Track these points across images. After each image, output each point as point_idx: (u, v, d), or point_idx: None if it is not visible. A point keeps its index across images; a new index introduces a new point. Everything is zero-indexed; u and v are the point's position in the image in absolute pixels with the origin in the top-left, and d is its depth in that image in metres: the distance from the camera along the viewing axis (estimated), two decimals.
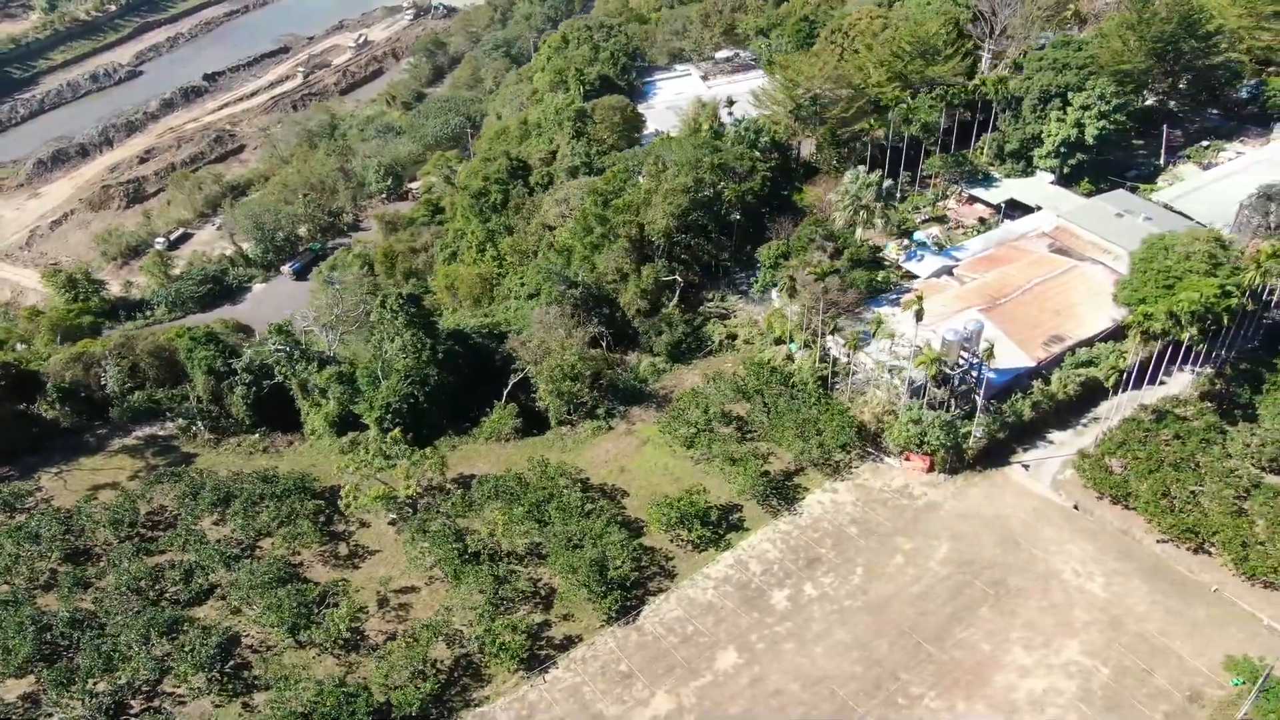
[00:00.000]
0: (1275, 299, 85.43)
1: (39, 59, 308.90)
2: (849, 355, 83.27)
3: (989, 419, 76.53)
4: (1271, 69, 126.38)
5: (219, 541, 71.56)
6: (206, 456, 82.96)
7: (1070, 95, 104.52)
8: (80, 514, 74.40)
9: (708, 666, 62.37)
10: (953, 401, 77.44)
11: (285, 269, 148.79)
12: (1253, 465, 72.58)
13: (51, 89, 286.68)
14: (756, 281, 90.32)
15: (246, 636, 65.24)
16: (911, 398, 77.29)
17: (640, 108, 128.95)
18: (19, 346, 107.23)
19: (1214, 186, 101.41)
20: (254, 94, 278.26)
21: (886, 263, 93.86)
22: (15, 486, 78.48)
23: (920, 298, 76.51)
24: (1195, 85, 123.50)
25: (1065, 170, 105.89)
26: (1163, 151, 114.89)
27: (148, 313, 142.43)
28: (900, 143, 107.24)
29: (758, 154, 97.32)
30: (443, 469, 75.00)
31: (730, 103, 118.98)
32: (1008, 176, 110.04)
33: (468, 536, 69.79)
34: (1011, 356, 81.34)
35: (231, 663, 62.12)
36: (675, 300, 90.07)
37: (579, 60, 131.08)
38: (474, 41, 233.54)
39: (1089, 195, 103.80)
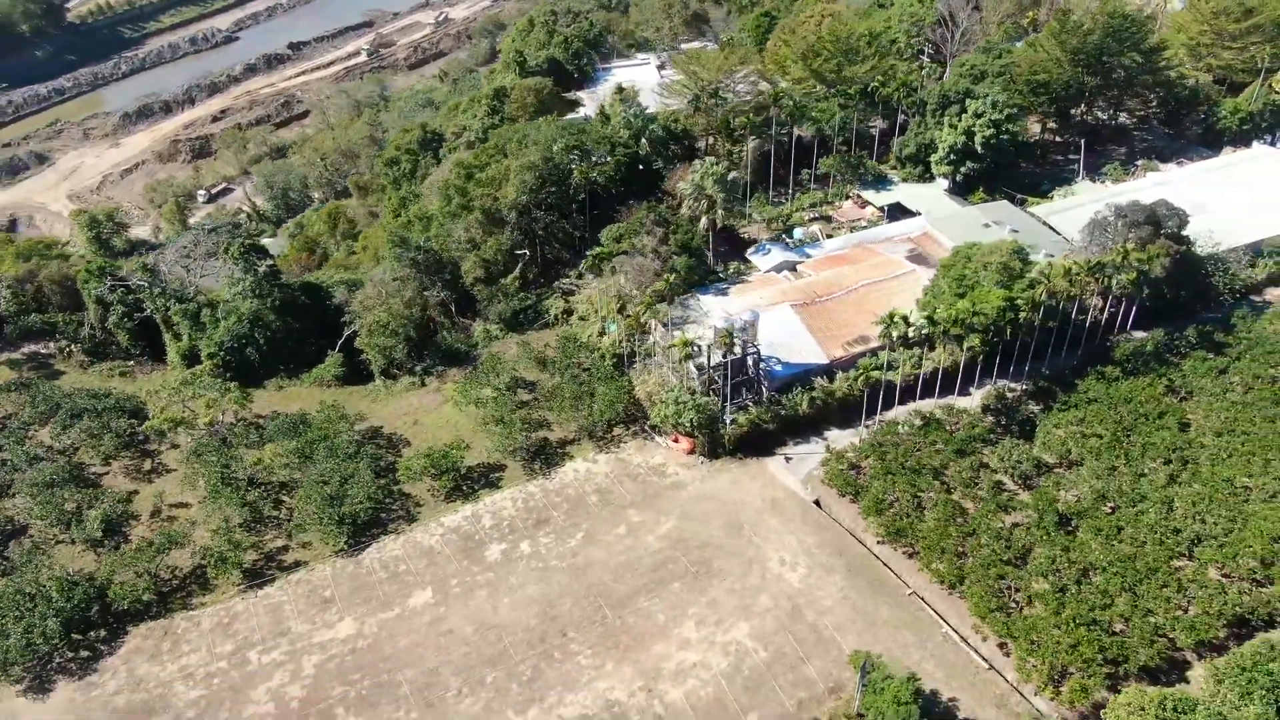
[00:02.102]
0: (1102, 318, 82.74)
1: (150, 21, 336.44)
2: (660, 337, 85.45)
3: (761, 409, 77.64)
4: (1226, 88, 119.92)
5: (41, 445, 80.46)
6: (72, 375, 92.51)
7: (967, 102, 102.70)
8: None
9: (400, 602, 66.65)
10: (730, 388, 78.90)
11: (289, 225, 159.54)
12: (1010, 479, 71.56)
13: (154, 49, 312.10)
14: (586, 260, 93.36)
15: (32, 527, 73.63)
16: (700, 383, 79.12)
17: (585, 93, 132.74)
18: None
19: (1099, 204, 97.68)
20: (330, 64, 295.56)
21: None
22: None
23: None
24: (1160, 105, 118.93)
25: (958, 178, 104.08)
26: (1081, 166, 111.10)
27: (154, 250, 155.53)
28: (786, 138, 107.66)
29: (626, 140, 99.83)
30: (242, 404, 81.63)
31: (653, 90, 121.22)
32: (904, 181, 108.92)
33: (240, 464, 76.19)
34: (807, 352, 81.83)
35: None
36: (515, 273, 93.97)
37: (533, 44, 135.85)
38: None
39: (980, 204, 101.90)
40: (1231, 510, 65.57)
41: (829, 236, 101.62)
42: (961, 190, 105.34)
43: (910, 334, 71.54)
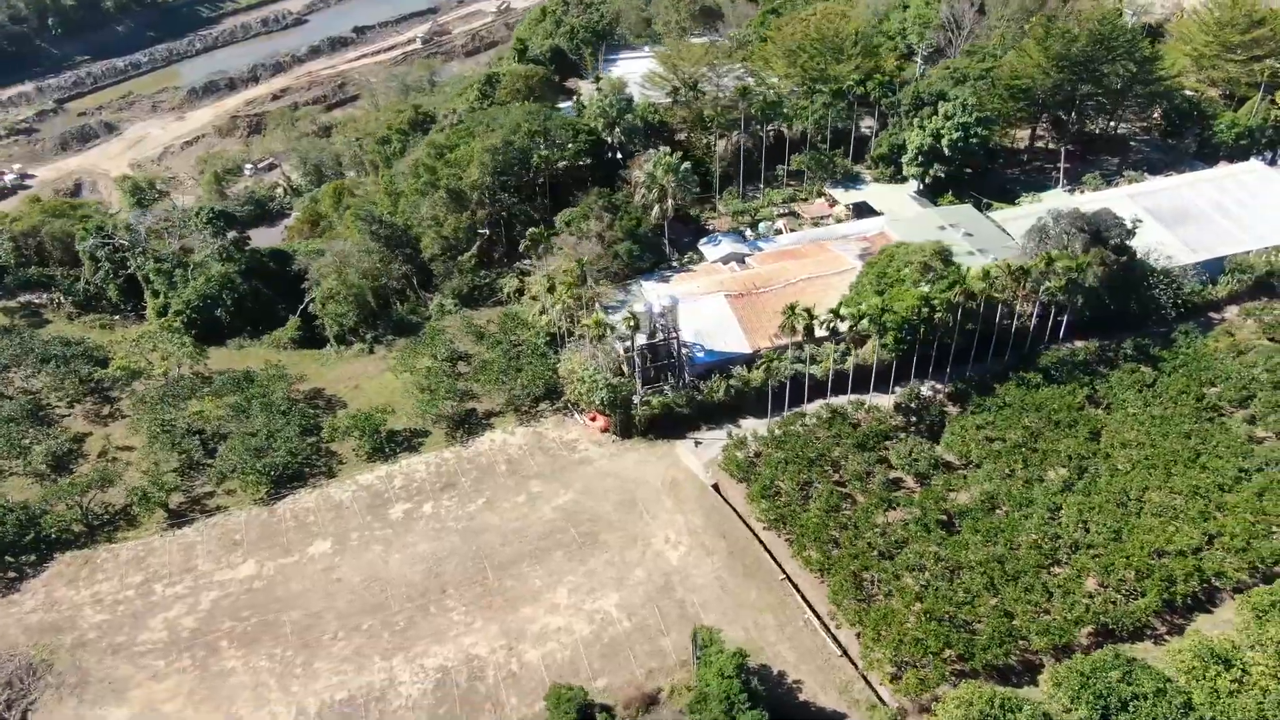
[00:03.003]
0: (1031, 325, 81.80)
1: (226, 1, 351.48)
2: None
3: (677, 394, 79.25)
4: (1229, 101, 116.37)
5: (12, 385, 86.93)
6: (58, 325, 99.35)
7: (940, 104, 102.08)
8: None
9: (301, 550, 70.46)
10: (654, 372, 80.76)
11: None
12: (908, 475, 71.89)
13: (228, 29, 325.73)
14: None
15: None
16: (625, 365, 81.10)
17: (586, 83, 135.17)
18: None
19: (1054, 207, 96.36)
20: (390, 49, 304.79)
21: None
22: None
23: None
24: (1163, 117, 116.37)
25: (927, 179, 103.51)
26: (1061, 174, 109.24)
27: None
28: (764, 134, 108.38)
29: (592, 128, 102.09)
30: (196, 358, 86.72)
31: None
32: (876, 181, 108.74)
33: (181, 413, 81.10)
34: (733, 342, 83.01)
35: None
36: (472, 251, 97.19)
37: (540, 33, 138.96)
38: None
39: (940, 207, 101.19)
40: (1119, 521, 64.93)
41: (792, 231, 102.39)
42: (933, 192, 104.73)
43: (817, 328, 72.16)
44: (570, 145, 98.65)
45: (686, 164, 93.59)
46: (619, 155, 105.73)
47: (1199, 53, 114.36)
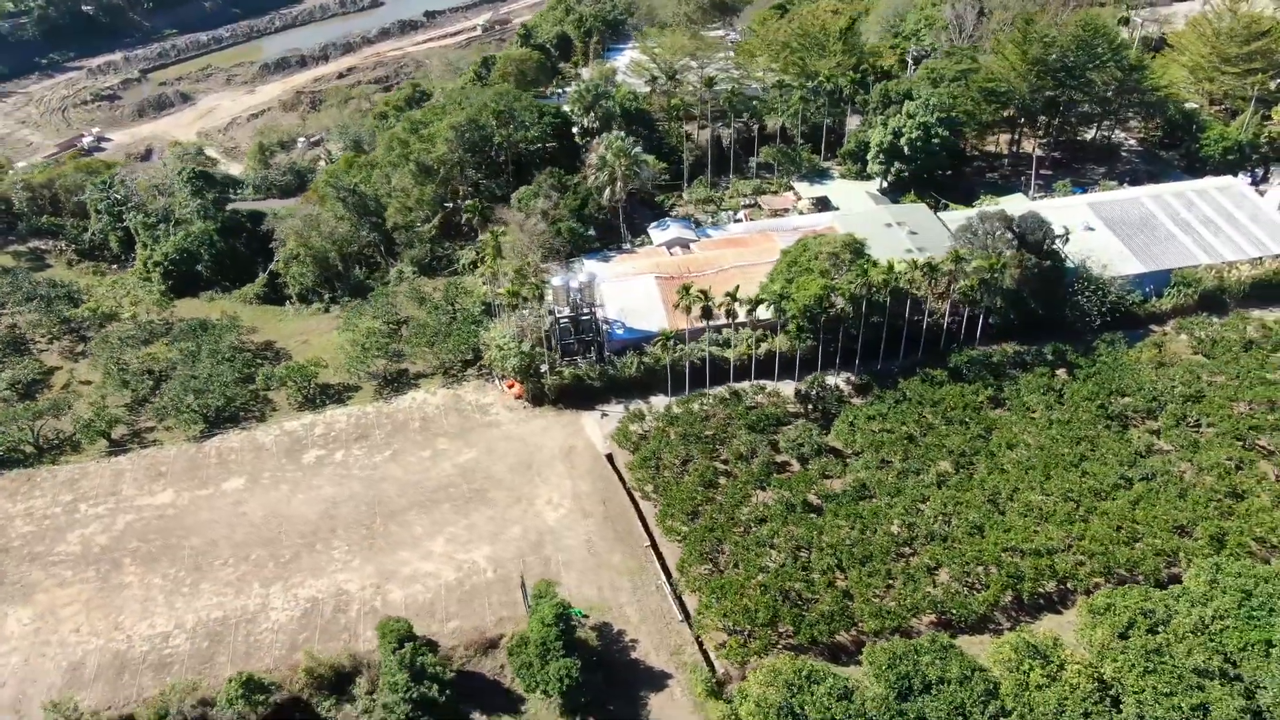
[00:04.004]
0: (944, 323, 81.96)
1: None
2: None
3: (590, 366, 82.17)
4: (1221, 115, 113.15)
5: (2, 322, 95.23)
6: (57, 270, 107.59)
7: (905, 103, 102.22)
8: None
9: (216, 484, 75.84)
10: (576, 344, 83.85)
11: None
12: (792, 458, 73.37)
13: (307, 8, 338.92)
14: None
15: None
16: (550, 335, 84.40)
17: (586, 70, 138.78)
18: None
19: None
20: (457, 33, 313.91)
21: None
22: None
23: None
24: (1158, 128, 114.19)
25: (889, 178, 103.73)
26: (1033, 180, 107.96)
27: (239, 190, 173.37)
28: (744, 126, 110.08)
29: (557, 110, 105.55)
30: (163, 305, 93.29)
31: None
32: (843, 177, 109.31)
33: (135, 354, 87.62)
34: (655, 321, 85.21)
35: None
36: (434, 222, 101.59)
37: (550, 20, 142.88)
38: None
39: (890, 205, 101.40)
40: (984, 517, 65.38)
41: (752, 221, 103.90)
42: (899, 191, 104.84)
43: (715, 311, 74.14)
44: (533, 127, 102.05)
45: (638, 148, 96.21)
46: (592, 139, 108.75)
47: (1195, 63, 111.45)
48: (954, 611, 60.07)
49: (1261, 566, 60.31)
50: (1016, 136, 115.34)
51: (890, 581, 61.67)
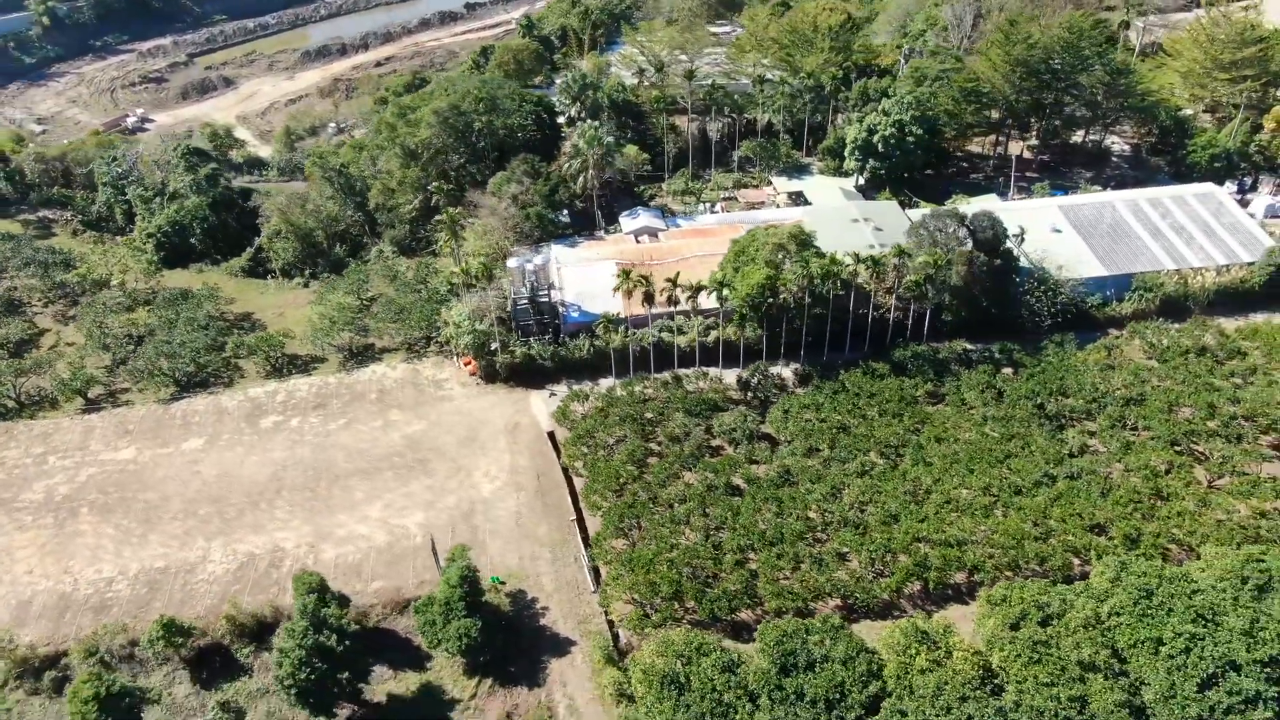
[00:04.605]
0: (890, 317, 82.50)
1: None
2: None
3: (542, 346, 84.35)
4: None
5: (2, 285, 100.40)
6: (60, 239, 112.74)
7: (883, 100, 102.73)
8: None
9: (178, 444, 79.53)
10: (535, 324, 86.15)
11: None
12: (725, 443, 74.84)
13: None
14: None
15: None
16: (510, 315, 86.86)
17: (582, 62, 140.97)
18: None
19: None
20: (495, 25, 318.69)
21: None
22: None
23: None
24: (1153, 134, 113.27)
25: (864, 174, 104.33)
26: (1012, 181, 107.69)
27: (264, 171, 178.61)
28: (717, 117, 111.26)
29: (540, 99, 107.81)
30: (150, 274, 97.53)
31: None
32: (822, 173, 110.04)
33: (118, 319, 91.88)
34: (611, 305, 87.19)
35: None
36: (415, 204, 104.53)
37: (556, 12, 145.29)
38: None
39: (858, 201, 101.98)
40: (900, 507, 66.25)
41: (727, 213, 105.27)
42: (875, 188, 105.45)
43: (658, 297, 75.82)
44: (514, 115, 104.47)
45: (610, 138, 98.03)
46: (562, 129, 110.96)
47: (1188, 69, 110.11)
48: (857, 596, 61.16)
49: (1170, 568, 60.42)
50: (1004, 138, 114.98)
51: (799, 564, 62.86)
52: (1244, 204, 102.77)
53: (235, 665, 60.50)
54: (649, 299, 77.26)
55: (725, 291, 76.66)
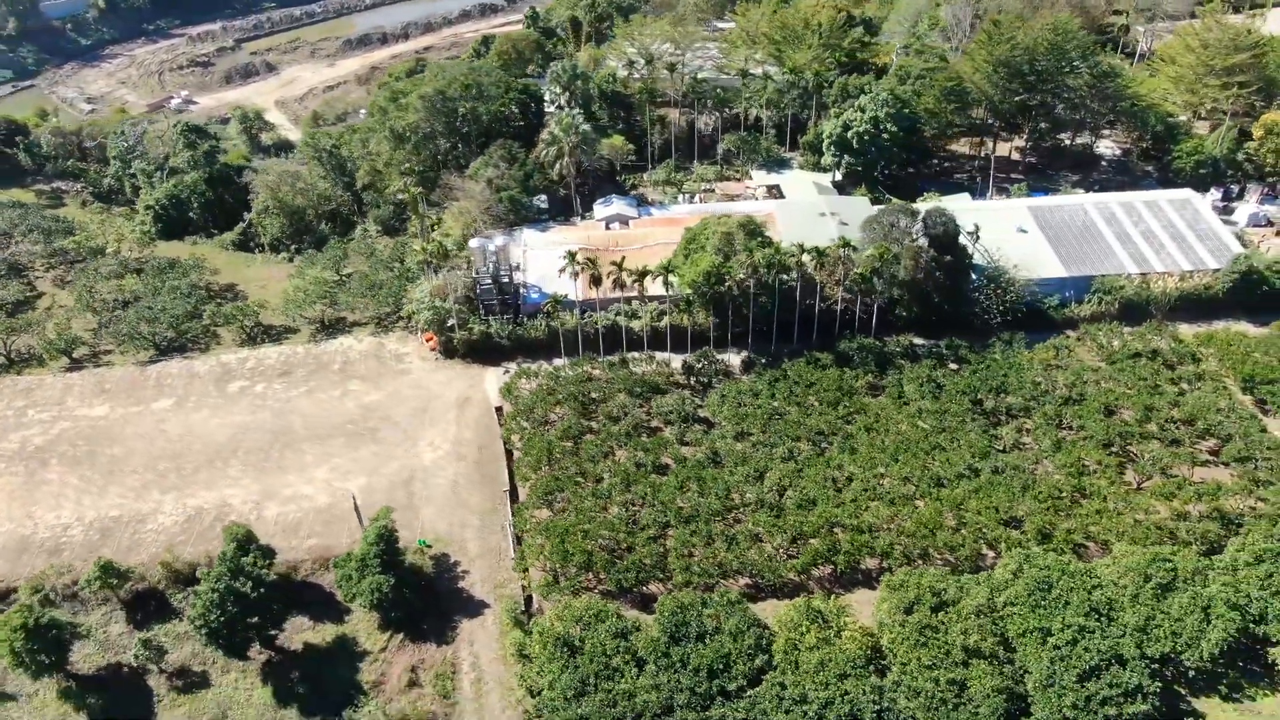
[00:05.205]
0: (837, 309, 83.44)
1: None
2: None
3: (500, 325, 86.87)
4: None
5: (4, 248, 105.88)
6: (69, 209, 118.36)
7: (861, 97, 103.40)
8: None
9: (147, 403, 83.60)
10: (498, 304, 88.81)
11: None
12: (662, 424, 76.67)
13: None
14: None
15: None
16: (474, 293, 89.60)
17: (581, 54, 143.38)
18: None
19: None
20: None
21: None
22: None
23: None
24: (1147, 139, 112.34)
25: (840, 170, 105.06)
26: (991, 181, 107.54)
27: (290, 154, 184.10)
28: (704, 110, 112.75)
29: (526, 88, 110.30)
30: (144, 244, 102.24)
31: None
32: (802, 168, 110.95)
33: (109, 285, 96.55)
34: (569, 288, 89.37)
35: None
36: (399, 184, 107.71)
37: (565, 4, 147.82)
38: None
39: (827, 196, 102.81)
40: (819, 493, 67.49)
41: (704, 203, 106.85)
42: (852, 184, 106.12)
43: (606, 281, 77.88)
44: (497, 101, 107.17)
45: (586, 126, 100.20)
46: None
47: (1179, 74, 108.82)
48: (764, 576, 62.66)
49: (1075, 563, 60.98)
50: (990, 139, 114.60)
51: (711, 542, 64.47)
52: (1228, 212, 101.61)
53: (169, 609, 64.02)
54: (596, 281, 79.33)
55: (672, 277, 78.25)
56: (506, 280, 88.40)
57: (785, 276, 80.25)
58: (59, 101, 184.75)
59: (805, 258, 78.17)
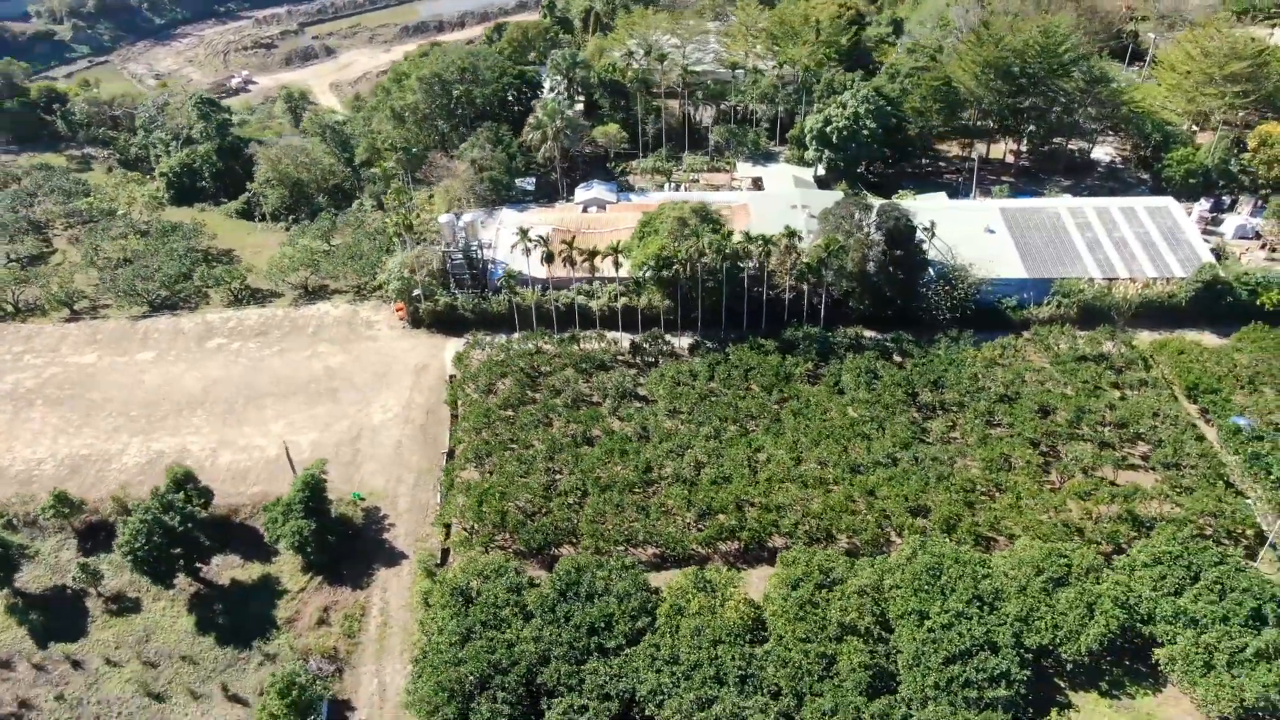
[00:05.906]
0: (786, 298, 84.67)
1: None
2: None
3: (465, 298, 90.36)
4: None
5: (25, 206, 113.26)
6: (94, 175, 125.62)
7: (844, 93, 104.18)
8: None
9: (131, 354, 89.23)
10: (468, 277, 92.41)
11: None
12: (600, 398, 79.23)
13: None
14: None
15: None
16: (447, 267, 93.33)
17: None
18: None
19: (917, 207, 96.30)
20: None
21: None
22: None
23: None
24: (1144, 146, 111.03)
25: (821, 164, 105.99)
26: (974, 182, 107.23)
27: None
28: (698, 101, 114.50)
29: (519, 73, 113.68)
30: (153, 208, 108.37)
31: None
32: (787, 161, 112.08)
33: (114, 244, 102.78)
34: (535, 266, 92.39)
35: None
36: (391, 162, 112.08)
37: None
38: None
39: (804, 188, 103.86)
40: (734, 471, 69.31)
41: (689, 192, 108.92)
42: (834, 178, 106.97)
43: (558, 259, 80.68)
44: (490, 85, 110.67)
45: (569, 110, 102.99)
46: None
47: (1177, 81, 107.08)
48: (670, 547, 64.86)
49: (970, 552, 61.92)
50: (978, 140, 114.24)
51: (622, 511, 66.86)
52: (1216, 223, 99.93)
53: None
54: (548, 260, 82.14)
55: (621, 258, 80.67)
56: (476, 256, 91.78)
57: (740, 264, 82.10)
58: (129, 77, 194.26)
59: (752, 246, 79.77)
